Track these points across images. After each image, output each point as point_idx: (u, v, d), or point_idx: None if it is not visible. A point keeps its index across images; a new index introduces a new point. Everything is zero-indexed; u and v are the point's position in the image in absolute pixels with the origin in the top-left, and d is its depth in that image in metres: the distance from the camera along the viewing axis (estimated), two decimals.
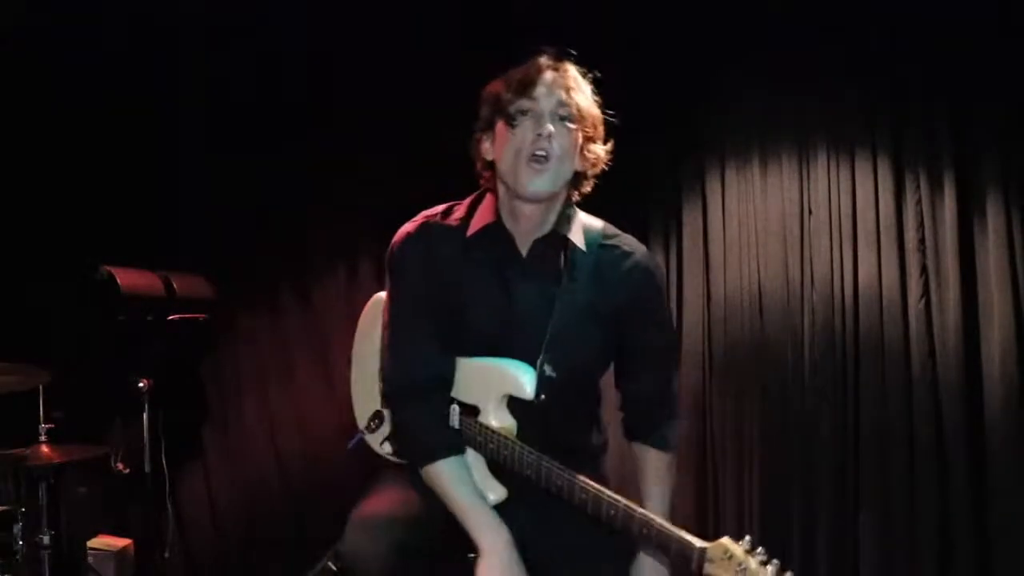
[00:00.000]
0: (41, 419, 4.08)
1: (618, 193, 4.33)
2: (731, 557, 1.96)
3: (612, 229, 2.39)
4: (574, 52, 2.28)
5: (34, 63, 4.62)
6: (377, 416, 2.45)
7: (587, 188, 2.32)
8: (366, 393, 2.49)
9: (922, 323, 3.91)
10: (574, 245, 2.28)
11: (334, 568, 4.37)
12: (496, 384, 2.24)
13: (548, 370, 2.21)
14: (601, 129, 2.28)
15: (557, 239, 2.27)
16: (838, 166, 4.10)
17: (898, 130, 4.02)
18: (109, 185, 4.78)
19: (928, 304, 3.92)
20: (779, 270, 4.18)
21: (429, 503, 2.26)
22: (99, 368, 4.54)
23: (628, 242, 2.38)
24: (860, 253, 4.04)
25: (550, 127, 2.14)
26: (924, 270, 3.93)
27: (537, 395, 2.20)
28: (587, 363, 2.33)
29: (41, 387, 4.09)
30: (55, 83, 4.66)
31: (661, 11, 4.23)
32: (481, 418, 2.24)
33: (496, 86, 2.23)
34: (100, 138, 4.73)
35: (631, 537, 2.08)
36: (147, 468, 4.30)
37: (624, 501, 2.08)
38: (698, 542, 2.00)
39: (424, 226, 2.32)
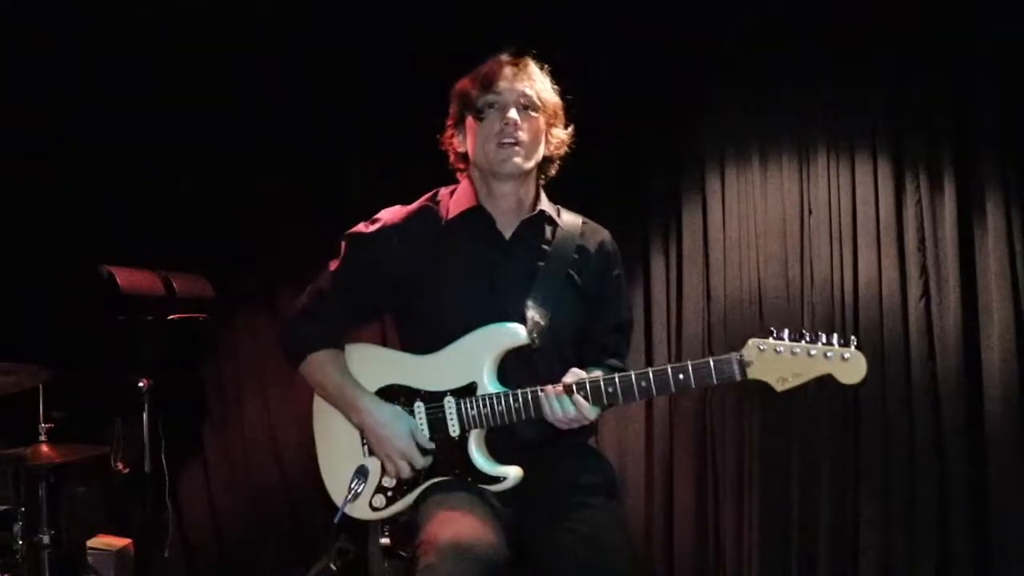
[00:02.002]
0: (41, 419, 4.08)
1: (618, 193, 4.40)
2: (764, 349, 2.08)
3: (580, 216, 2.57)
4: (533, 49, 2.45)
5: (34, 62, 4.62)
6: (359, 474, 2.41)
7: (553, 171, 2.51)
8: (336, 466, 2.50)
9: (922, 323, 3.92)
10: (557, 222, 2.48)
11: (334, 568, 4.39)
12: (485, 350, 2.32)
13: (536, 316, 2.33)
14: (561, 115, 2.46)
15: (539, 217, 2.46)
16: (838, 166, 4.10)
17: (898, 130, 4.03)
18: (109, 185, 4.78)
19: (928, 304, 3.92)
20: (779, 270, 4.18)
21: (502, 519, 2.31)
22: (99, 368, 4.54)
23: (596, 225, 2.57)
24: (860, 253, 4.04)
25: (515, 115, 2.33)
26: (924, 270, 3.94)
27: (531, 337, 2.31)
28: (569, 315, 2.42)
29: (41, 387, 4.08)
30: (55, 82, 4.66)
31: (661, 11, 4.24)
32: (480, 392, 2.32)
33: (463, 83, 2.44)
34: (100, 138, 4.73)
35: (670, 393, 2.21)
36: (147, 468, 4.29)
37: (643, 369, 2.21)
38: (730, 355, 2.15)
39: (390, 226, 2.45)
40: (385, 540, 4.13)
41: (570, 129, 2.49)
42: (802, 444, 4.11)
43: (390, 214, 2.48)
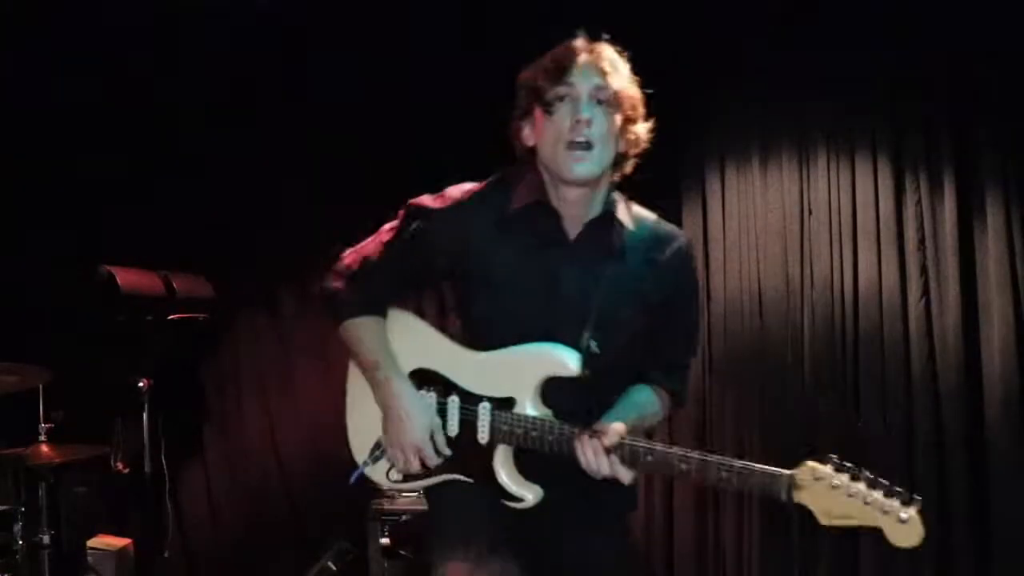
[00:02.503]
0: (41, 419, 4.08)
1: None
2: (820, 479, 1.88)
3: (654, 215, 2.33)
4: (608, 35, 2.22)
5: (34, 62, 4.62)
6: (380, 446, 2.29)
7: (629, 169, 2.25)
8: (364, 425, 2.34)
9: (922, 323, 3.92)
10: (626, 227, 2.22)
11: (334, 568, 4.39)
12: (533, 369, 2.16)
13: (593, 346, 2.15)
14: (641, 109, 2.21)
15: (608, 220, 2.20)
16: (838, 166, 4.10)
17: (898, 130, 4.03)
18: (109, 185, 4.78)
19: (928, 304, 3.92)
20: (779, 270, 4.18)
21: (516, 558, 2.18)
22: (99, 368, 4.54)
23: (672, 228, 2.33)
24: (860, 253, 4.04)
25: (587, 114, 2.08)
26: (924, 270, 3.94)
27: (583, 372, 2.12)
28: (631, 343, 2.23)
29: (41, 387, 4.08)
30: (55, 82, 4.66)
31: (661, 11, 4.23)
32: (517, 409, 2.15)
33: (531, 72, 2.17)
34: (100, 137, 4.73)
35: (705, 484, 2.05)
36: (147, 468, 4.29)
37: (691, 450, 2.01)
38: (781, 471, 1.93)
39: (454, 204, 2.24)
40: (385, 540, 4.14)
41: (649, 123, 2.24)
42: (802, 445, 4.11)
43: (459, 192, 2.25)
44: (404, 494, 4.17)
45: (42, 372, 4.00)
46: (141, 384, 4.24)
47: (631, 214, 2.26)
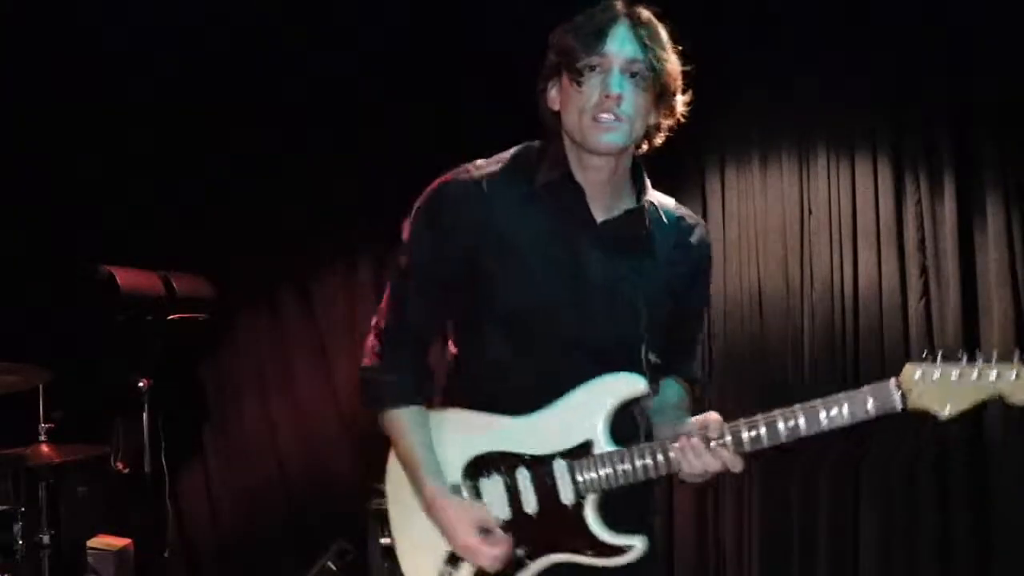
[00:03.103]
0: (41, 419, 4.08)
1: None
2: (924, 377, 1.87)
3: (673, 200, 2.20)
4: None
5: (34, 62, 4.62)
6: (450, 562, 2.04)
7: (658, 140, 2.09)
8: (419, 550, 2.09)
9: (922, 323, 3.91)
10: (657, 216, 2.08)
11: (334, 568, 4.39)
12: (600, 401, 1.98)
13: (653, 358, 2.03)
14: (679, 82, 2.06)
15: (639, 212, 2.06)
16: (838, 166, 4.10)
17: (898, 130, 4.02)
18: (109, 185, 4.78)
19: (928, 304, 3.92)
20: (779, 270, 4.18)
21: None
22: (99, 368, 4.54)
23: (691, 213, 2.21)
24: (860, 253, 4.04)
25: (617, 89, 1.91)
26: (924, 270, 3.93)
27: (651, 386, 2.01)
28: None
29: (41, 387, 4.09)
30: (56, 82, 4.66)
31: (660, 11, 4.23)
32: (596, 451, 1.97)
33: (563, 32, 1.99)
34: (100, 138, 4.73)
35: (822, 431, 1.90)
36: (147, 468, 4.30)
37: (789, 408, 1.92)
38: (885, 384, 1.90)
39: (472, 185, 2.03)
40: (385, 540, 4.14)
41: (686, 96, 2.10)
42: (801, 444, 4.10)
43: (465, 174, 2.06)
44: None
45: (42, 372, 4.00)
46: (141, 384, 4.24)
47: (657, 200, 2.12)
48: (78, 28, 4.55)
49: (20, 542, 3.96)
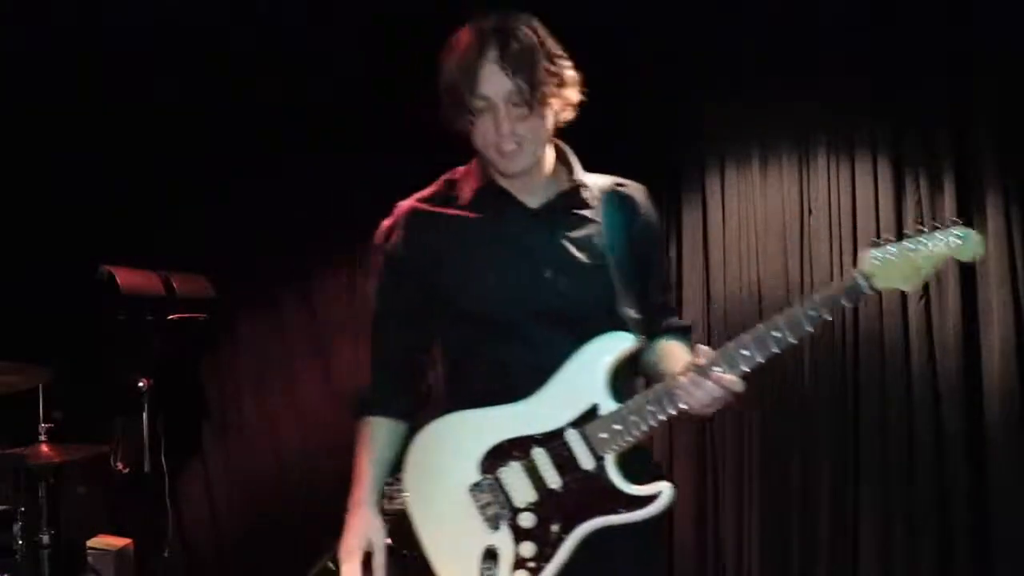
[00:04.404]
0: (41, 419, 4.08)
1: None
2: (883, 258, 2.04)
3: (605, 175, 2.27)
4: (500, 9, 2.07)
5: (34, 61, 4.62)
6: (488, 557, 2.05)
7: (567, 116, 2.11)
8: (452, 550, 2.10)
9: (922, 323, 3.91)
10: (589, 191, 2.16)
11: (334, 568, 4.39)
12: (596, 367, 2.03)
13: (632, 313, 2.10)
14: (563, 78, 2.05)
15: (570, 188, 2.15)
16: (838, 166, 4.10)
17: (898, 130, 4.02)
18: (109, 185, 4.78)
19: (928, 304, 3.92)
20: (779, 270, 4.18)
21: None
22: (99, 368, 4.54)
23: (631, 182, 2.30)
24: (860, 253, 4.03)
25: (507, 126, 1.99)
26: None
27: (639, 339, 2.07)
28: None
29: (41, 387, 4.09)
30: (56, 82, 4.66)
31: (660, 11, 4.24)
32: (603, 411, 2.01)
33: (446, 73, 2.05)
34: (100, 138, 4.73)
35: (805, 334, 1.97)
36: (147, 468, 4.30)
37: (771, 320, 1.96)
38: (851, 274, 2.03)
39: (406, 213, 2.18)
40: (386, 540, 4.14)
41: (576, 81, 2.08)
42: (802, 445, 4.11)
43: (407, 202, 2.20)
44: (404, 493, 4.17)
45: (42, 372, 4.01)
46: (141, 384, 4.24)
47: (592, 179, 2.20)
48: (78, 28, 4.55)
49: (20, 542, 3.96)
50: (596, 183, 2.20)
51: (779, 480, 4.14)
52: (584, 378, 2.04)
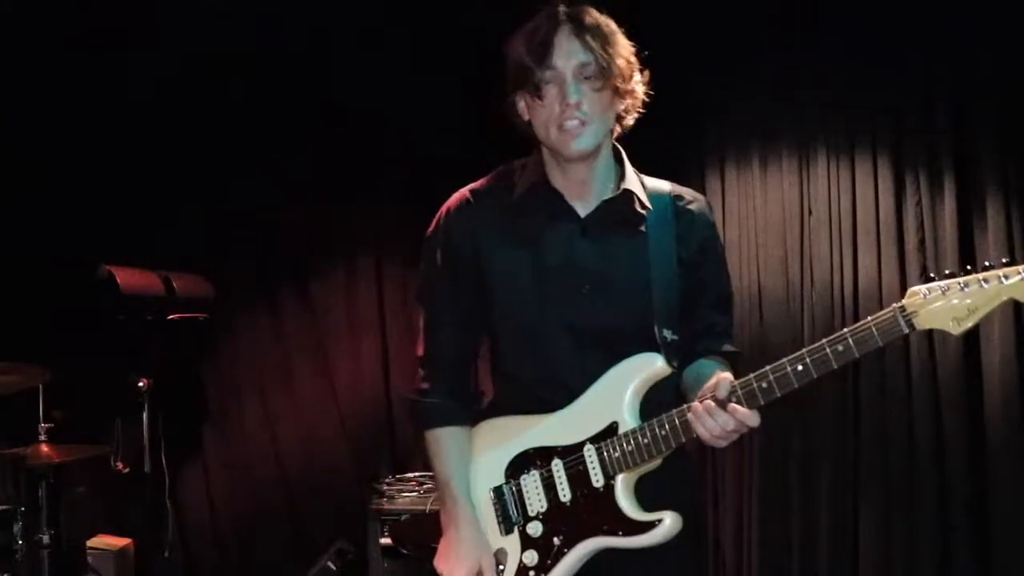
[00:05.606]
0: (41, 419, 4.08)
1: None
2: (929, 297, 1.80)
3: (668, 182, 2.27)
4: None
5: (34, 61, 4.62)
6: (501, 557, 2.12)
7: (630, 121, 2.17)
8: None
9: None
10: (644, 199, 2.15)
11: (334, 568, 4.39)
12: (624, 385, 2.05)
13: (668, 335, 2.08)
14: (634, 66, 2.10)
15: (624, 197, 2.13)
16: (838, 166, 4.10)
17: (898, 130, 4.03)
18: (109, 185, 4.78)
19: None
20: (779, 270, 4.18)
21: None
22: (99, 368, 4.54)
23: (688, 189, 2.28)
24: (860, 253, 4.04)
25: (575, 97, 2.00)
26: (924, 270, 3.94)
27: (669, 363, 2.05)
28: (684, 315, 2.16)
29: (41, 387, 4.09)
30: (56, 83, 4.66)
31: (660, 11, 4.23)
32: (621, 430, 2.03)
33: (515, 50, 2.07)
34: (100, 138, 4.73)
35: (831, 371, 1.91)
36: (147, 468, 4.29)
37: (797, 354, 1.92)
38: (890, 311, 1.84)
39: (463, 201, 2.17)
40: (385, 540, 4.14)
41: (645, 75, 2.14)
42: (802, 445, 4.11)
43: (458, 194, 2.19)
44: (404, 494, 4.18)
45: (42, 372, 4.01)
46: (141, 384, 4.23)
47: (645, 186, 2.19)
48: (79, 28, 4.55)
49: (20, 542, 3.95)
50: (653, 190, 2.20)
51: (779, 480, 4.14)
52: (609, 396, 2.06)
